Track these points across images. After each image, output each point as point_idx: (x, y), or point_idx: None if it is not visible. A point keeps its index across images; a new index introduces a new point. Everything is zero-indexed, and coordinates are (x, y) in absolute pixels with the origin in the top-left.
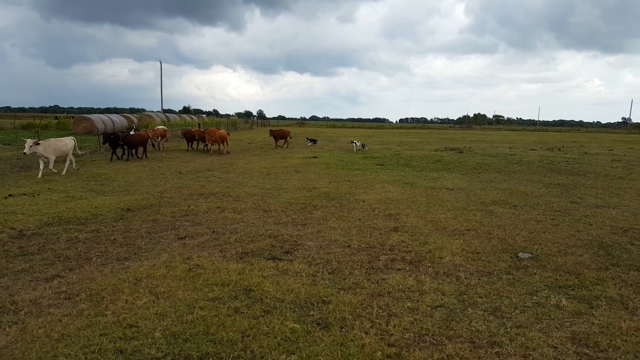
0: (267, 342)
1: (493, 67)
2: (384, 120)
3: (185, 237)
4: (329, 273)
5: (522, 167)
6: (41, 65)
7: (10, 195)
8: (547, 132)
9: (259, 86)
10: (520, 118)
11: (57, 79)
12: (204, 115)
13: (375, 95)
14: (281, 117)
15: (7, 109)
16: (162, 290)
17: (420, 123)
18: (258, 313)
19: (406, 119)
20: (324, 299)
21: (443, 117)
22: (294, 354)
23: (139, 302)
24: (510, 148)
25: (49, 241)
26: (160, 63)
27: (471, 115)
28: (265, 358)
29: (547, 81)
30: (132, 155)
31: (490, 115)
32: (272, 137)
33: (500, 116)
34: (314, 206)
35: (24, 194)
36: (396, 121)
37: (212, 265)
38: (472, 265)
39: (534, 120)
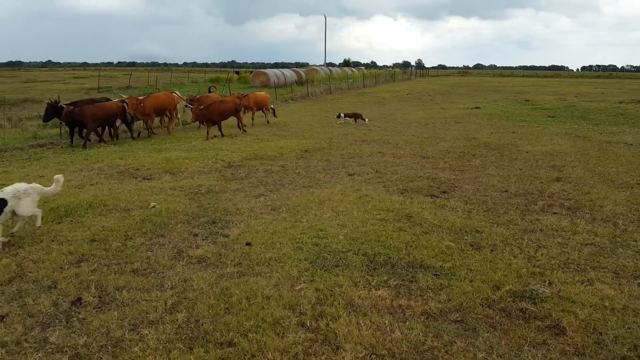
0: (426, 252)
1: None
2: (561, 68)
3: (353, 174)
4: (484, 211)
5: None
6: (220, 24)
7: (214, 136)
8: None
9: (419, 34)
10: None
11: (233, 36)
12: (363, 67)
13: (553, 40)
14: (441, 67)
15: (194, 64)
16: (341, 209)
17: (607, 71)
18: (418, 232)
19: (590, 66)
20: (478, 229)
21: (638, 65)
22: (448, 262)
23: (324, 215)
24: None
25: (251, 171)
26: (325, 17)
27: None
28: (425, 262)
29: None
30: (90, 139)
31: None
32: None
33: None
34: (473, 155)
35: (223, 136)
36: (577, 69)
37: (377, 195)
38: (633, 215)
39: None
